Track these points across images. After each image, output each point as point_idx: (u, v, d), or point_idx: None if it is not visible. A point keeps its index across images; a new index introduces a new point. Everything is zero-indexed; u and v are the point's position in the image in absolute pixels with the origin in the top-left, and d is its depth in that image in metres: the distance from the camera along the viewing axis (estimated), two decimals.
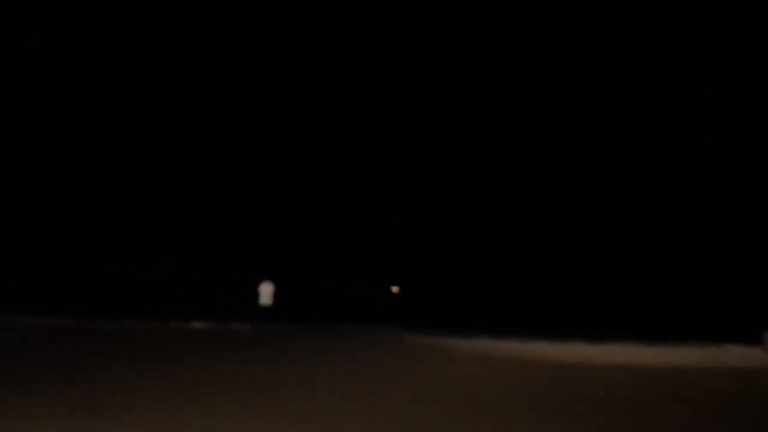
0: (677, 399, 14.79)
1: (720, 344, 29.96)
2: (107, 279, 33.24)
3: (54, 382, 13.47)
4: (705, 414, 12.86)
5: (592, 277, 35.29)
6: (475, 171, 37.44)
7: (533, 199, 37.16)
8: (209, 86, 37.48)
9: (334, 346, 24.03)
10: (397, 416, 11.14)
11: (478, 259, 35.42)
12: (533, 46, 39.70)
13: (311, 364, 18.60)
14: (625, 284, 35.26)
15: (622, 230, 36.93)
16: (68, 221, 35.58)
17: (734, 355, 27.09)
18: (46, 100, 36.65)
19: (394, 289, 34.44)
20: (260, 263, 31.39)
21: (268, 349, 22.44)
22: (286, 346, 23.49)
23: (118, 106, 37.24)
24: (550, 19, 39.98)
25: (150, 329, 28.36)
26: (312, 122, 36.68)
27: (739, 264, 35.93)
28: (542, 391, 14.98)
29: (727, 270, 35.63)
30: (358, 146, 36.68)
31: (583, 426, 11.19)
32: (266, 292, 29.68)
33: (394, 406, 12.12)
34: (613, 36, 39.55)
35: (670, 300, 34.49)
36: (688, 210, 37.47)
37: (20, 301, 31.38)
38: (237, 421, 10.28)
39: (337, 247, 34.34)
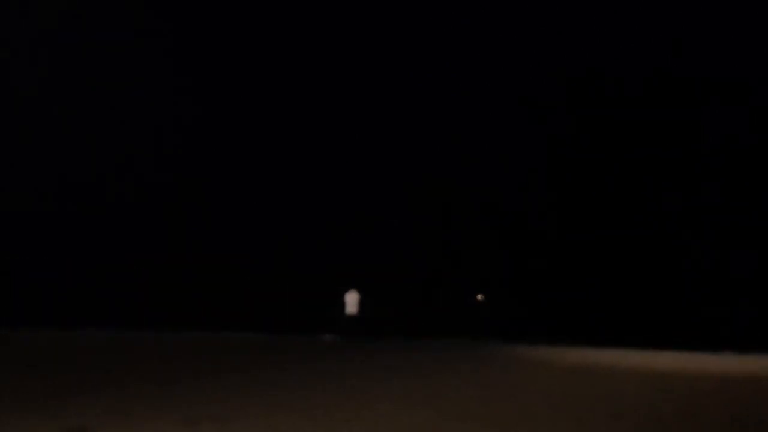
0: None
1: None
2: (190, 290, 33.54)
3: (149, 393, 13.59)
4: None
5: (678, 285, 34.48)
6: (564, 173, 36.97)
7: (616, 203, 36.51)
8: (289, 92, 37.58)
9: (427, 358, 23.72)
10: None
11: (566, 266, 34.94)
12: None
13: (405, 377, 18.38)
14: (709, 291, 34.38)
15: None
16: (145, 232, 35.99)
17: None
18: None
19: (479, 297, 34.09)
20: (345, 272, 31.37)
21: (359, 361, 22.31)
22: (376, 358, 23.35)
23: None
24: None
25: (236, 340, 28.61)
26: (398, 131, 36.56)
27: None
28: (639, 401, 14.55)
29: None
30: (439, 156, 36.49)
31: None
32: (352, 301, 29.64)
33: (499, 421, 11.84)
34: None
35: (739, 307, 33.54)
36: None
37: (107, 314, 31.98)
38: None
39: (422, 254, 34.17)
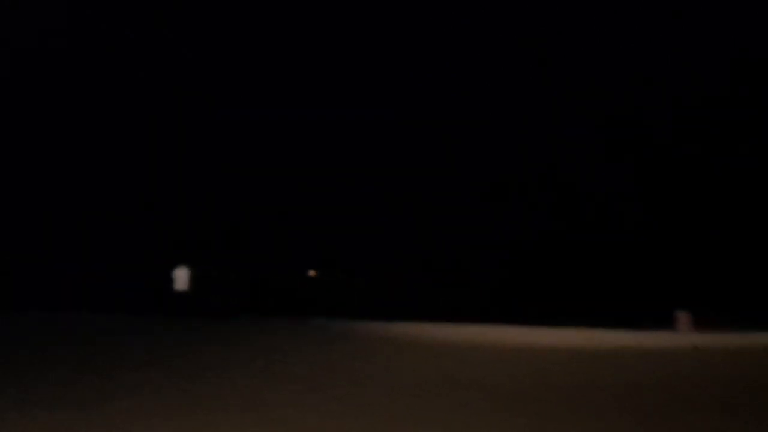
0: (619, 383, 14.68)
1: (637, 326, 30.26)
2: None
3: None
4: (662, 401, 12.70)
5: (526, 262, 35.52)
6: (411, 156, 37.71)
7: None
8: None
9: (266, 337, 23.02)
10: (360, 407, 10.64)
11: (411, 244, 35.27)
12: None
13: (249, 357, 17.83)
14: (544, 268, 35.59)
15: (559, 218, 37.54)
16: None
17: (653, 337, 27.37)
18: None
19: (311, 272, 33.75)
20: (175, 248, 30.29)
21: (199, 342, 21.39)
22: (213, 339, 22.38)
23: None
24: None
25: (60, 321, 27.04)
26: (238, 104, 36.45)
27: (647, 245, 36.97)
28: (492, 377, 14.71)
29: (637, 251, 36.45)
30: (274, 132, 36.43)
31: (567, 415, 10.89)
32: (181, 278, 28.57)
33: (355, 397, 11.60)
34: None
35: (587, 282, 34.90)
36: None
37: None
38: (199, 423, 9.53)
39: (255, 230, 33.54)
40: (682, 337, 27.01)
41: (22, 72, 41.42)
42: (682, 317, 30.27)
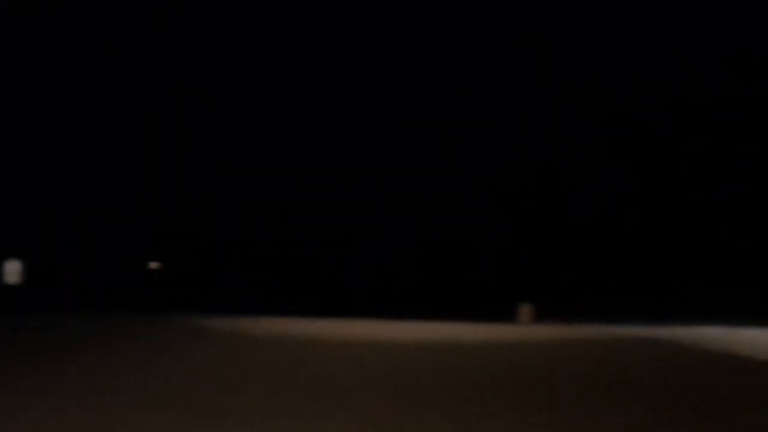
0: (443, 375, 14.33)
1: (477, 319, 29.98)
2: None
3: None
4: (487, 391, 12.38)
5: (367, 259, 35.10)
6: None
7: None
8: None
9: (107, 331, 22.22)
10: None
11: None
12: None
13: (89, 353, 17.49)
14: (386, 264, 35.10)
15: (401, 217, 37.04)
16: None
17: (493, 329, 26.58)
18: None
19: (153, 265, 33.51)
20: (6, 240, 30.80)
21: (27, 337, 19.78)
22: (43, 333, 20.74)
23: None
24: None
25: None
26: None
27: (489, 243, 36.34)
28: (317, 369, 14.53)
29: (477, 248, 35.84)
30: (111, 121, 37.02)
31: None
32: (12, 270, 29.09)
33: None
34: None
35: (426, 276, 34.28)
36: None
37: None
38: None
39: (92, 221, 33.63)
40: (524, 328, 27.19)
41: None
42: (525, 310, 30.23)
